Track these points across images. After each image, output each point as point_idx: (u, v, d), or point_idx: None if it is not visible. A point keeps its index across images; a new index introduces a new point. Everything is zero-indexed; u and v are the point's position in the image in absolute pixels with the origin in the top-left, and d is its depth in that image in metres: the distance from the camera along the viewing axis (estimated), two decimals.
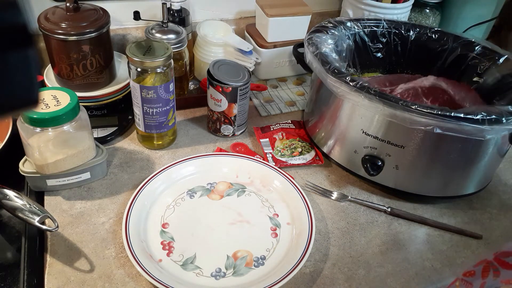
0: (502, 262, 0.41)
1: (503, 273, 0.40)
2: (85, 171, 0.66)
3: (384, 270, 0.60)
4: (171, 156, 0.75)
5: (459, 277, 0.45)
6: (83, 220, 0.62)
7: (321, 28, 0.77)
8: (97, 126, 0.76)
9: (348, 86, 0.62)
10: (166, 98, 0.69)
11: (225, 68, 0.76)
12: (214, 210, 0.65)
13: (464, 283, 0.44)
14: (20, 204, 0.56)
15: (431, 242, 0.65)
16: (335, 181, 0.73)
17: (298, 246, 0.59)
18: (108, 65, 0.77)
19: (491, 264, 0.42)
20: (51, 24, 0.68)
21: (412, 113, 0.58)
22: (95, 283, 0.55)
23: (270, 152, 0.76)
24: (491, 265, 0.42)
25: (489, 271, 0.41)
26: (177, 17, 0.86)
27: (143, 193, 0.64)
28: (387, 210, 0.68)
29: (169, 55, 0.66)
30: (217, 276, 0.56)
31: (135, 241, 0.57)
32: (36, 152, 0.60)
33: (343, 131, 0.69)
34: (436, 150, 0.63)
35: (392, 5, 0.96)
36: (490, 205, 0.73)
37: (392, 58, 0.86)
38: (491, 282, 0.40)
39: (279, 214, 0.65)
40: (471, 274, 0.43)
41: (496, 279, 0.40)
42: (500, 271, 0.41)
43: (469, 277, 0.43)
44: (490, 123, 0.56)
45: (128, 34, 0.92)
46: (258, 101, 0.91)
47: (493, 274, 0.41)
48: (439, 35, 0.82)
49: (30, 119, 0.58)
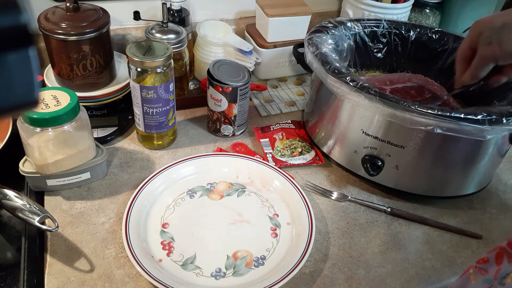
0: None
1: None
2: (85, 171, 0.66)
3: (384, 270, 0.60)
4: (171, 156, 0.75)
5: (472, 265, 0.45)
6: (83, 220, 0.62)
7: (321, 28, 0.77)
8: (97, 126, 0.76)
9: (348, 86, 0.62)
10: (166, 98, 0.69)
11: (225, 68, 0.76)
12: (214, 210, 0.65)
13: (478, 270, 0.43)
14: (20, 204, 0.56)
15: (431, 242, 0.65)
16: (335, 181, 0.73)
17: (298, 246, 0.59)
18: (108, 65, 0.77)
19: (505, 250, 0.41)
20: (51, 24, 0.68)
21: (412, 113, 0.58)
22: (95, 283, 0.55)
23: (270, 152, 0.76)
24: (505, 251, 0.41)
25: (503, 257, 0.41)
26: (177, 17, 0.86)
27: (143, 193, 0.64)
28: (387, 210, 0.68)
29: (169, 55, 0.66)
30: (217, 276, 0.56)
31: (135, 241, 0.57)
32: (36, 152, 0.60)
33: (343, 131, 0.69)
34: (436, 150, 0.63)
35: (392, 5, 0.96)
36: (490, 205, 0.73)
37: (392, 58, 0.86)
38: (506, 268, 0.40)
39: (279, 214, 0.65)
40: (485, 261, 0.43)
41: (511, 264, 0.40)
42: None
43: (482, 264, 0.43)
44: (490, 123, 0.56)
45: (128, 34, 0.92)
46: (258, 101, 0.91)
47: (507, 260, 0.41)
48: (439, 35, 0.82)
49: (30, 119, 0.58)
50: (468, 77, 0.59)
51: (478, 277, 0.43)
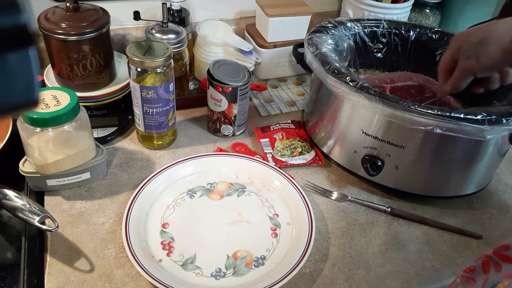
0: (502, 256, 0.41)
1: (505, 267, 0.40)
2: (85, 171, 0.66)
3: (384, 270, 0.60)
4: (171, 156, 0.75)
5: (459, 275, 0.45)
6: (83, 220, 0.62)
7: (321, 28, 0.77)
8: (97, 126, 0.76)
9: (348, 86, 0.62)
10: (166, 98, 0.69)
11: (225, 68, 0.76)
12: (214, 210, 0.65)
13: (466, 280, 0.43)
14: (20, 204, 0.56)
15: (431, 242, 0.65)
16: (335, 181, 0.73)
17: (298, 246, 0.59)
18: (108, 65, 0.77)
19: (491, 258, 0.41)
20: (51, 24, 0.68)
21: (412, 113, 0.58)
22: (95, 283, 0.55)
23: (270, 152, 0.76)
24: (491, 259, 0.41)
25: (490, 266, 0.41)
26: (177, 17, 0.86)
27: (143, 193, 0.64)
28: (387, 210, 0.68)
29: (169, 55, 0.66)
30: (217, 276, 0.56)
31: (135, 241, 0.57)
32: (36, 152, 0.60)
33: (343, 131, 0.69)
34: (436, 150, 0.63)
35: (392, 5, 0.96)
36: (490, 205, 0.73)
37: (392, 58, 0.86)
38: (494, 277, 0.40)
39: (279, 214, 0.65)
40: (472, 270, 0.43)
41: (499, 274, 0.40)
42: (502, 265, 0.40)
43: (469, 273, 0.43)
44: (490, 123, 0.56)
45: (128, 34, 0.92)
46: (258, 101, 0.91)
47: (494, 268, 0.41)
48: (439, 35, 0.82)
49: (30, 119, 0.58)
50: (449, 87, 0.63)
51: (467, 286, 0.43)
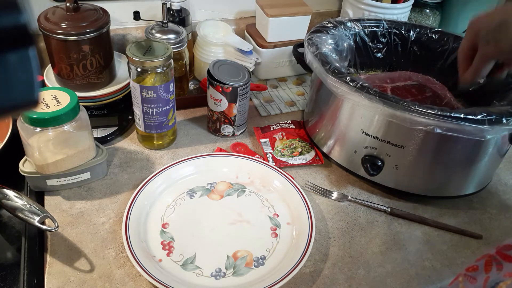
0: (504, 256, 0.41)
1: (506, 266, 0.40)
2: (85, 171, 0.66)
3: (384, 270, 0.60)
4: (171, 156, 0.75)
5: (462, 273, 0.45)
6: (83, 220, 0.62)
7: (321, 28, 0.77)
8: (97, 126, 0.76)
9: (348, 86, 0.62)
10: (166, 98, 0.69)
11: (225, 68, 0.76)
12: (214, 210, 0.65)
13: (468, 278, 0.43)
14: (20, 204, 0.56)
15: (431, 242, 0.65)
16: (335, 181, 0.73)
17: (298, 246, 0.59)
18: (108, 65, 0.77)
19: (494, 258, 0.42)
20: (51, 24, 0.68)
21: (412, 113, 0.58)
22: (95, 283, 0.55)
23: (270, 152, 0.76)
24: (494, 259, 0.41)
25: (492, 265, 0.41)
26: (177, 17, 0.86)
27: (143, 193, 0.64)
28: (387, 210, 0.68)
29: (169, 55, 0.66)
30: (217, 276, 0.56)
31: (135, 241, 0.57)
32: (36, 152, 0.60)
33: (343, 131, 0.69)
34: (436, 150, 0.63)
35: (392, 5, 0.96)
36: (490, 205, 0.73)
37: (392, 58, 0.86)
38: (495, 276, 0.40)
39: (279, 214, 0.65)
40: (474, 269, 0.43)
41: (500, 273, 0.40)
42: (503, 264, 0.40)
43: (472, 272, 0.43)
44: (490, 123, 0.56)
45: (128, 34, 0.92)
46: (258, 101, 0.91)
47: (496, 268, 0.41)
48: (439, 35, 0.82)
49: (30, 119, 0.58)
50: (471, 76, 0.60)
51: (468, 285, 0.43)
